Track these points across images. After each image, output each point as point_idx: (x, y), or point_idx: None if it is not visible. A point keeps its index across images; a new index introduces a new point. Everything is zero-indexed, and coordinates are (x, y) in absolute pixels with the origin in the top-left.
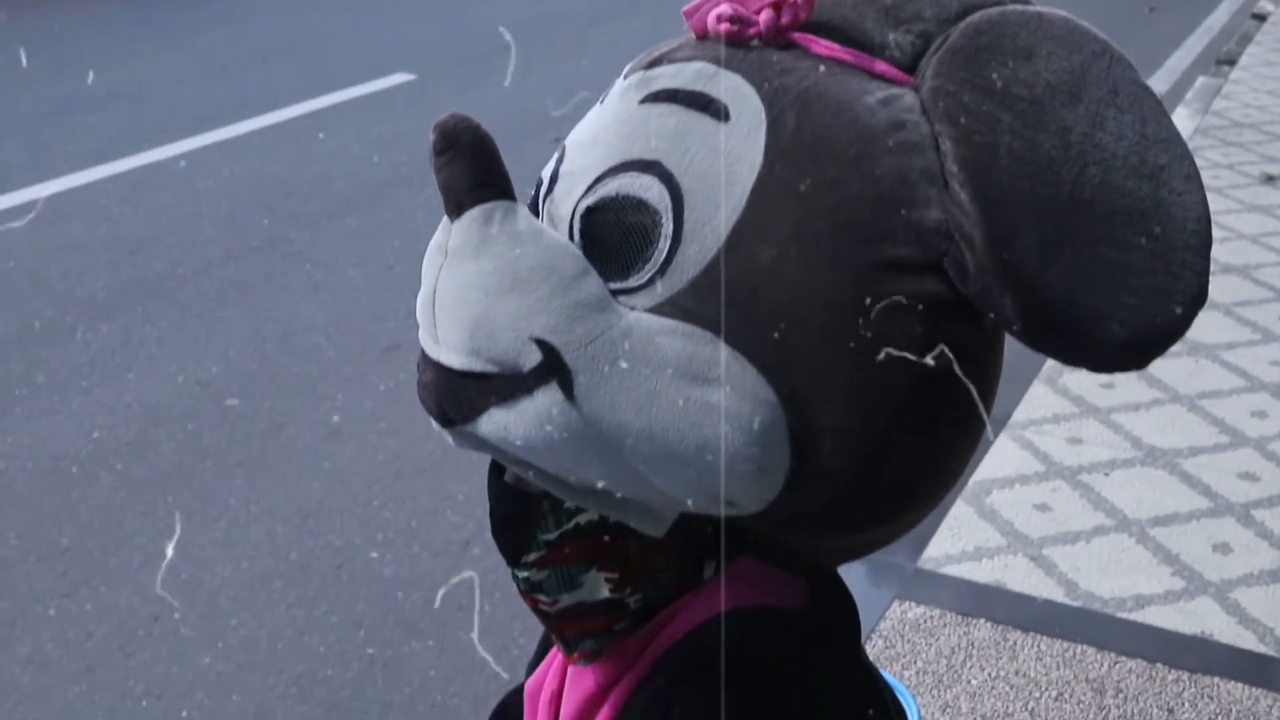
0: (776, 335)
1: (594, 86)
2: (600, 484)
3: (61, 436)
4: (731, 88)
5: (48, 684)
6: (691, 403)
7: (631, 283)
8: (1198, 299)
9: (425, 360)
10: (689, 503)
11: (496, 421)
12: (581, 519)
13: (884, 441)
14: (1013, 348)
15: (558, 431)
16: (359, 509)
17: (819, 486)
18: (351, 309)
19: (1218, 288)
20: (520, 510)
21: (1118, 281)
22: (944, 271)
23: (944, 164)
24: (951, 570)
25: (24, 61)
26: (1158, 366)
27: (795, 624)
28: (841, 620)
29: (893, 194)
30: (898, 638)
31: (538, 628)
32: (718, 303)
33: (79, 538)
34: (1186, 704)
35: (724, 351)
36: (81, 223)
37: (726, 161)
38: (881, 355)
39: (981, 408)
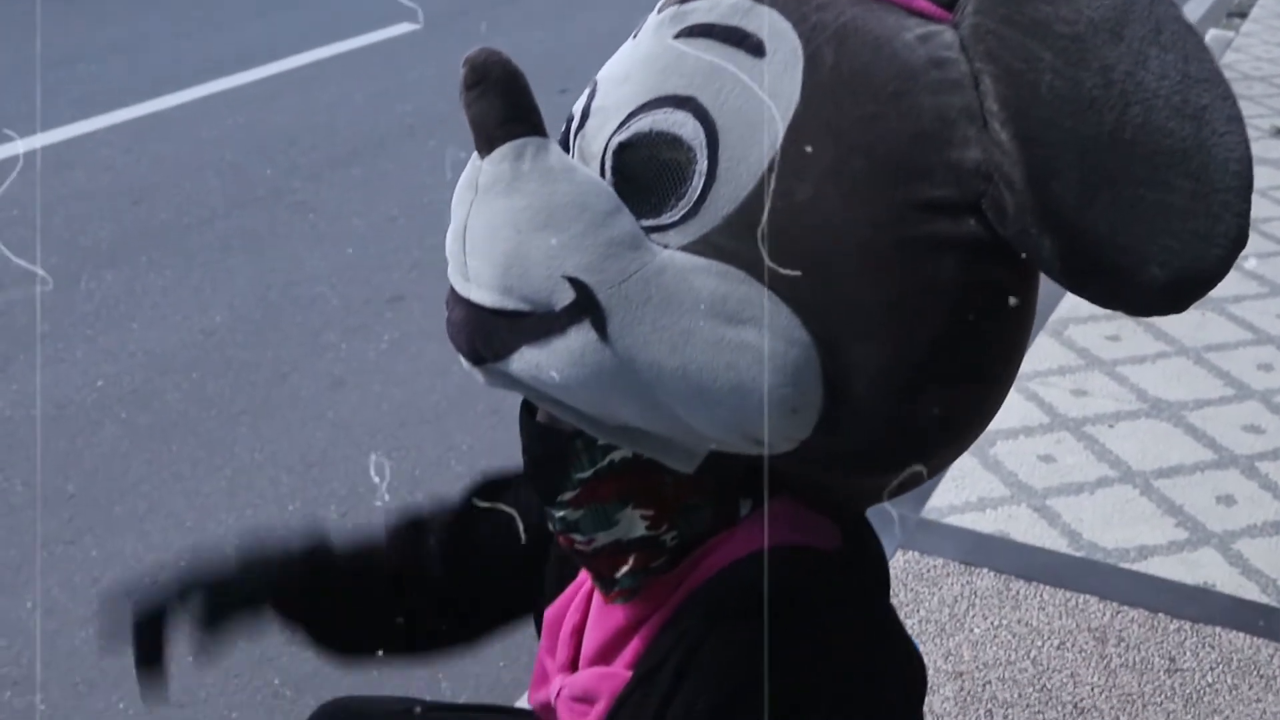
0: (811, 275)
1: (603, 36)
2: (632, 422)
3: (66, 384)
4: (768, 23)
5: (53, 629)
6: (725, 342)
7: (664, 220)
8: (1238, 242)
9: (455, 298)
10: (721, 441)
11: (528, 360)
12: (615, 456)
13: (917, 383)
14: None
15: (590, 370)
16: (363, 458)
17: (851, 427)
18: (355, 259)
19: None
20: (554, 449)
21: (1158, 224)
22: (982, 213)
23: (983, 102)
24: (955, 520)
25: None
26: (1164, 319)
27: (830, 563)
28: (873, 562)
29: (932, 132)
30: (901, 587)
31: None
32: (752, 241)
33: (84, 485)
34: (1188, 653)
35: (765, 292)
36: (85, 171)
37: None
38: (917, 297)
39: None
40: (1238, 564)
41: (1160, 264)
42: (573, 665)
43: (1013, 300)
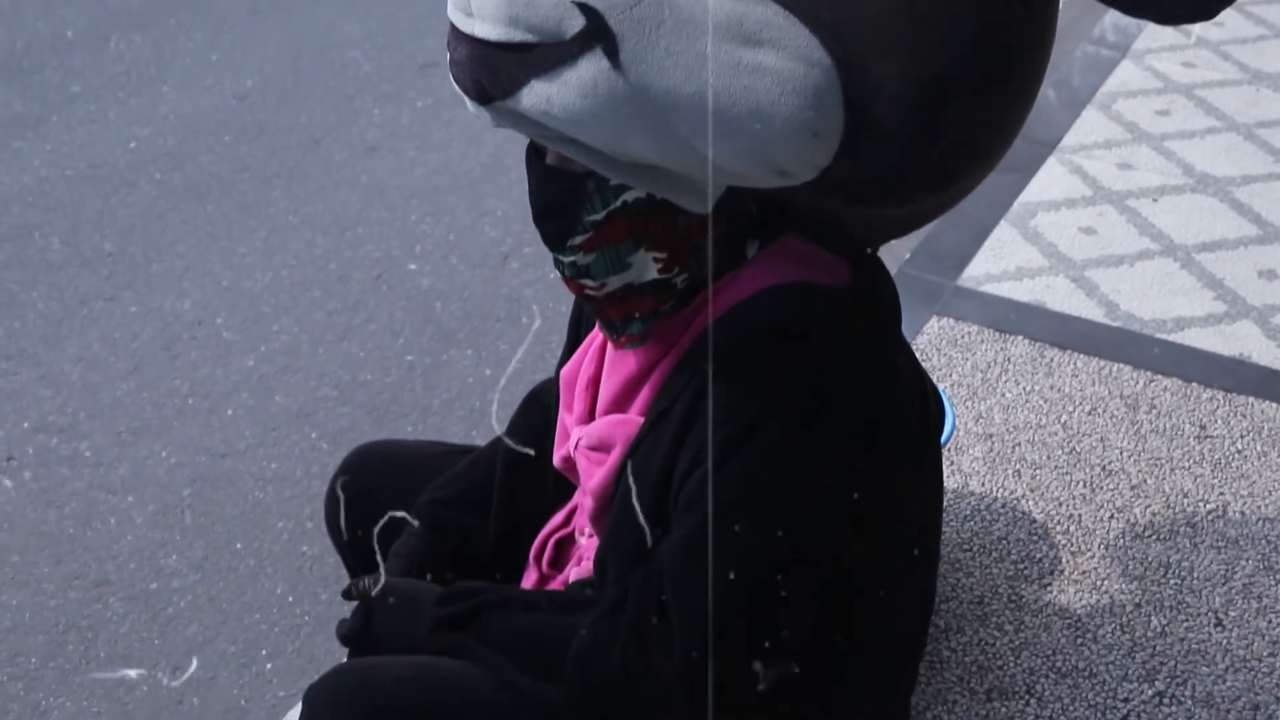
0: None
1: None
2: (647, 158)
3: (100, 145)
4: None
5: (97, 381)
6: (742, 66)
7: None
8: None
9: (457, 36)
10: (739, 173)
11: (538, 94)
12: (629, 196)
13: (939, 104)
14: (1069, 77)
15: (603, 101)
16: (397, 222)
17: (873, 152)
18: (388, 25)
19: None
20: (565, 192)
21: None
22: None
23: None
24: (992, 289)
25: None
26: (1215, 94)
27: (839, 299)
28: (884, 300)
29: None
30: (934, 351)
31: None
32: None
33: (121, 243)
34: (1219, 421)
35: (781, 11)
36: None
37: None
38: (941, 5)
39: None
40: (1275, 336)
41: None
42: (590, 417)
43: None
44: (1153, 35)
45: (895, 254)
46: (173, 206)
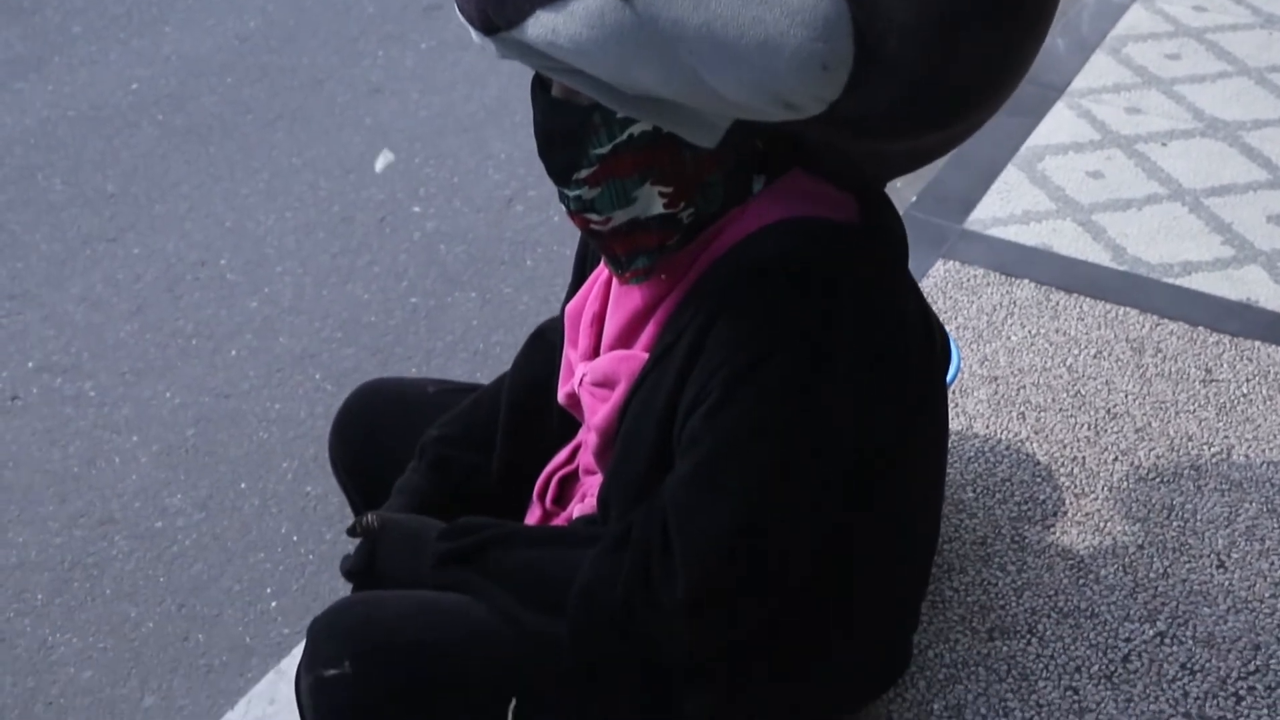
0: None
1: None
2: (654, 90)
3: (101, 86)
4: None
5: (100, 321)
6: None
7: None
8: None
9: None
10: (747, 106)
11: (544, 24)
12: (635, 129)
13: (950, 36)
14: (1078, 21)
15: (610, 32)
16: (402, 164)
17: (883, 85)
18: None
19: None
20: (570, 124)
21: None
22: None
23: None
24: (998, 232)
25: None
26: (1227, 38)
27: (847, 235)
28: (892, 238)
29: None
30: (940, 294)
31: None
32: None
33: (124, 185)
34: (1225, 365)
35: None
36: None
37: None
38: None
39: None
40: None
41: None
42: (595, 353)
43: None
44: None
45: (901, 197)
46: (175, 148)
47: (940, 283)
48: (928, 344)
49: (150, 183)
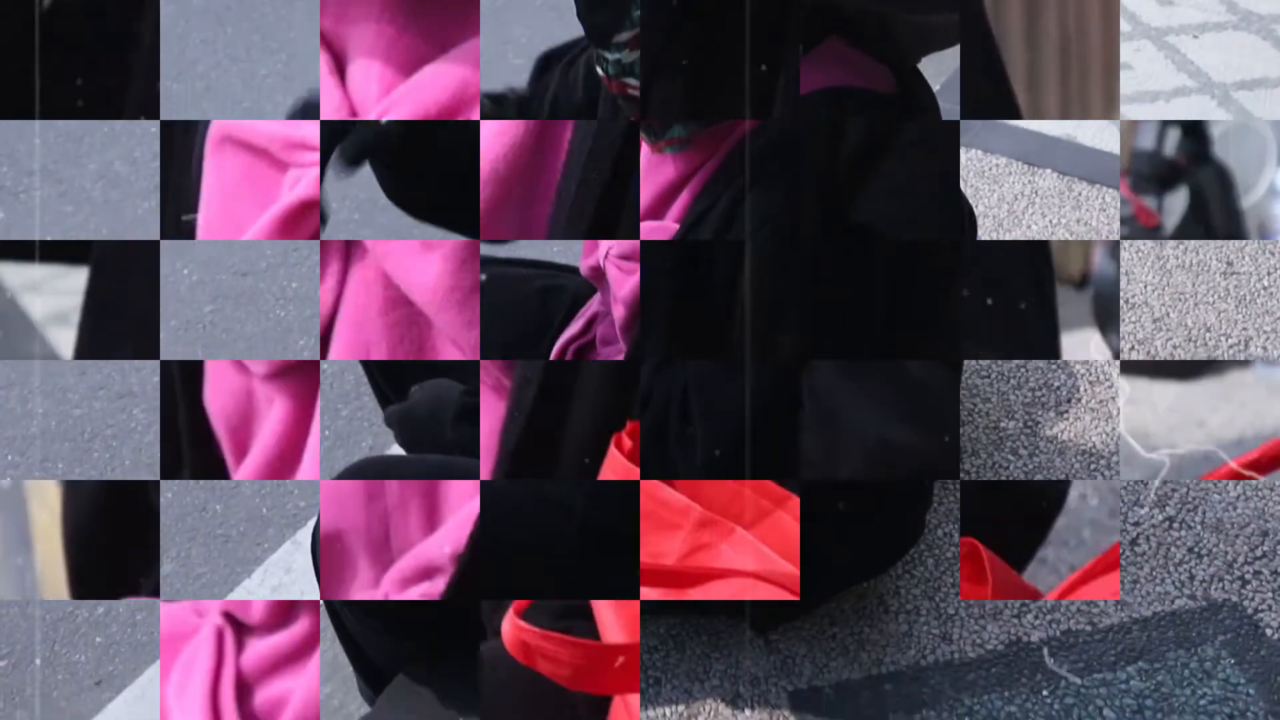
0: None
1: None
2: None
3: None
4: None
5: (118, 198)
6: None
7: None
8: None
9: None
10: None
11: None
12: None
13: None
14: None
15: None
16: None
17: None
18: None
19: None
20: None
21: None
22: None
23: None
24: (1020, 122)
25: None
26: None
27: (883, 104)
28: (928, 107)
29: None
30: (961, 182)
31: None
32: None
33: None
34: (1247, 258)
35: None
36: None
37: None
38: None
39: None
40: None
41: None
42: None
43: None
44: None
45: None
46: (192, 26)
47: (962, 171)
48: (957, 221)
49: (166, 62)
